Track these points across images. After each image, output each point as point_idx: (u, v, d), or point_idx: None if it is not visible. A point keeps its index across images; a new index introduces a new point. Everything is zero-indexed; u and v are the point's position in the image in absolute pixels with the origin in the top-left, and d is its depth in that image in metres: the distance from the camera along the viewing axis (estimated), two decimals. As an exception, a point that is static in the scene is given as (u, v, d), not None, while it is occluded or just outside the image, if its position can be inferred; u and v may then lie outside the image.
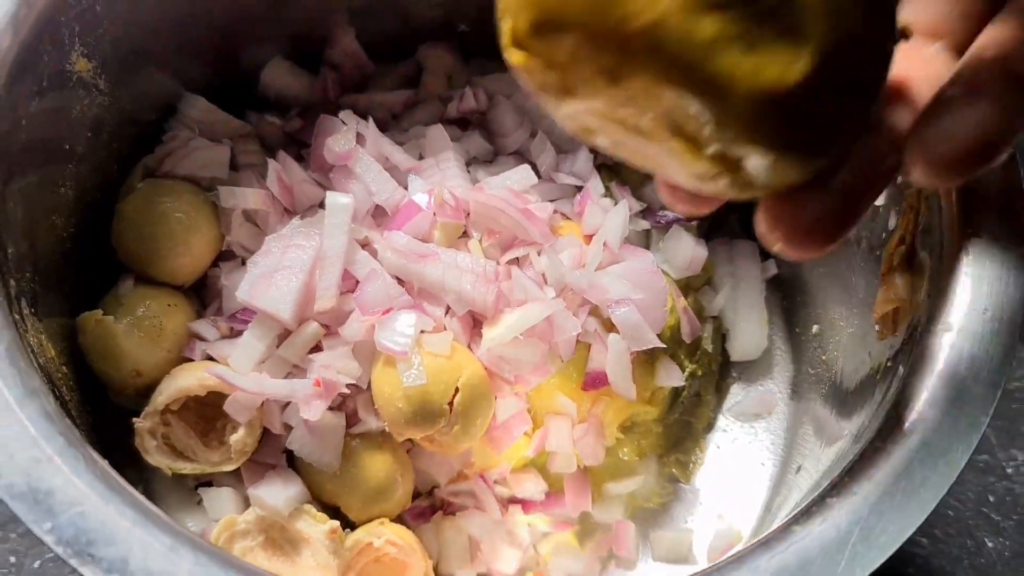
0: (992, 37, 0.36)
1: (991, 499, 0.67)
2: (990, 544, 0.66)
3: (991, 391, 0.44)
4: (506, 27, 0.33)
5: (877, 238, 0.55)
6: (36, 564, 0.64)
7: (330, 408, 0.57)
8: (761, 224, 0.36)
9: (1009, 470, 0.68)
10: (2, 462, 0.40)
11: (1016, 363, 0.71)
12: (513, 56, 0.33)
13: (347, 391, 0.57)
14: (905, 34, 0.39)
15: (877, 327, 0.54)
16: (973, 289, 0.46)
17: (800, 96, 0.31)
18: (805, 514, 0.42)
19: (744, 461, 0.66)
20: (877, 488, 0.42)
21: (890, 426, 0.44)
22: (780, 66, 0.31)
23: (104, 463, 0.42)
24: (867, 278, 0.56)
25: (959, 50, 0.38)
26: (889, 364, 0.50)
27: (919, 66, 0.38)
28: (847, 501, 0.42)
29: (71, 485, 0.40)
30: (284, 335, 0.58)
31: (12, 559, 0.64)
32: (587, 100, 0.33)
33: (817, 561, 0.41)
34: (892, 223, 0.54)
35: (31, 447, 0.40)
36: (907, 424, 0.44)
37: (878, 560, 0.41)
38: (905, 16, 0.39)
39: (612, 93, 0.32)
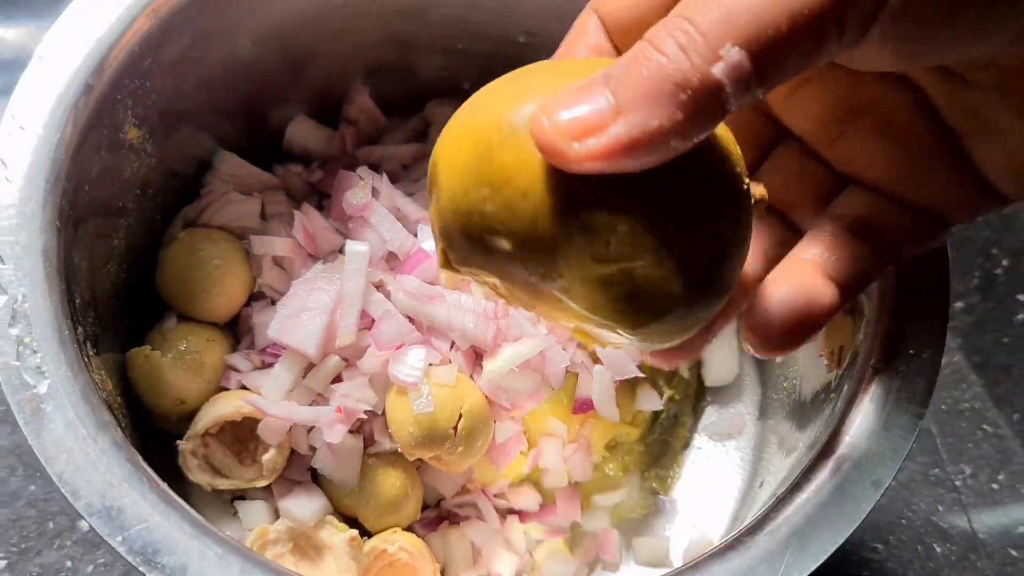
0: (807, 245, 0.41)
1: (940, 508, 0.73)
2: (938, 549, 0.72)
3: (914, 420, 0.51)
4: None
5: None
6: (89, 568, 0.71)
7: (350, 432, 0.63)
8: None
9: (957, 482, 0.74)
10: (81, 486, 0.47)
11: (967, 386, 0.78)
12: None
13: (364, 416, 0.63)
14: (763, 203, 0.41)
15: (825, 361, 0.61)
16: (900, 332, 0.54)
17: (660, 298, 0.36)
18: (753, 527, 0.50)
19: (716, 476, 0.73)
20: (813, 506, 0.49)
21: (829, 449, 0.52)
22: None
23: (164, 485, 0.49)
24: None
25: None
26: (833, 392, 0.57)
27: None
28: (786, 516, 0.49)
29: (138, 504, 0.47)
30: (309, 367, 0.64)
31: (68, 563, 0.71)
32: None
33: (760, 567, 0.48)
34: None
35: (105, 473, 0.48)
36: (841, 448, 0.51)
37: (811, 566, 0.47)
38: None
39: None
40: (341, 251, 0.66)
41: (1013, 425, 0.77)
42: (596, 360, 0.66)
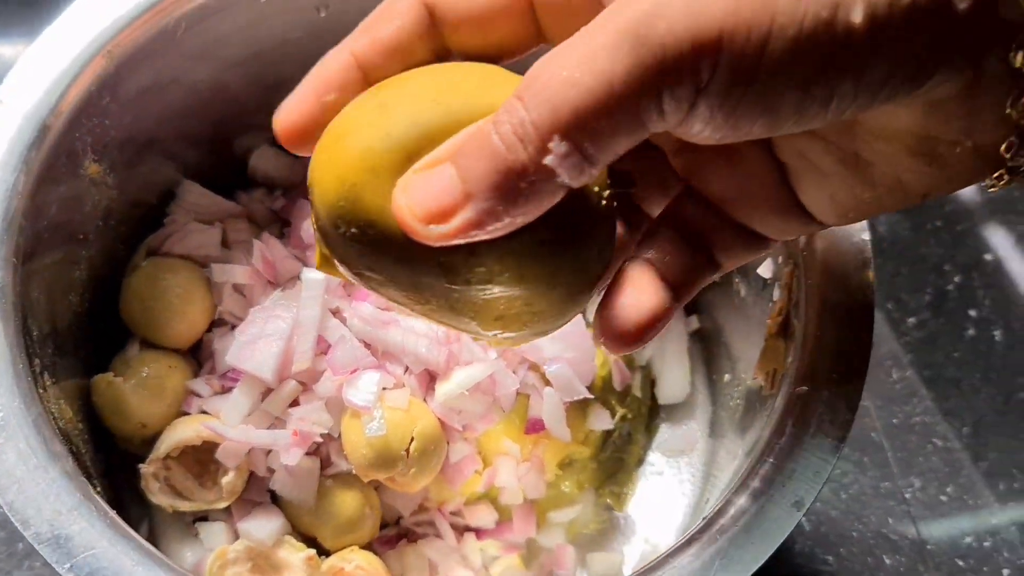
0: (647, 244, 0.43)
1: (890, 520, 0.75)
2: (888, 561, 0.73)
3: (835, 445, 0.53)
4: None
5: (766, 307, 0.64)
6: None
7: (307, 454, 0.65)
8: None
9: (907, 495, 0.76)
10: (32, 515, 0.49)
11: (917, 400, 0.80)
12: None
13: (321, 440, 0.65)
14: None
15: (761, 383, 0.63)
16: (824, 355, 0.56)
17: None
18: (679, 548, 0.52)
19: (668, 492, 0.74)
20: (737, 527, 0.51)
21: (754, 470, 0.54)
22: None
23: (113, 513, 0.51)
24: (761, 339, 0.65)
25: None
26: (766, 414, 0.59)
27: None
28: (711, 537, 0.51)
29: (86, 532, 0.49)
30: (267, 392, 0.66)
31: None
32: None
33: (688, 585, 0.50)
34: (775, 294, 0.63)
35: (55, 502, 0.50)
36: (765, 469, 0.53)
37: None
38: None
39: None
40: (300, 277, 0.68)
41: (962, 438, 0.79)
42: (547, 382, 0.68)
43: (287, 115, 0.44)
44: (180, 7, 0.64)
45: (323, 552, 0.67)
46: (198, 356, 0.72)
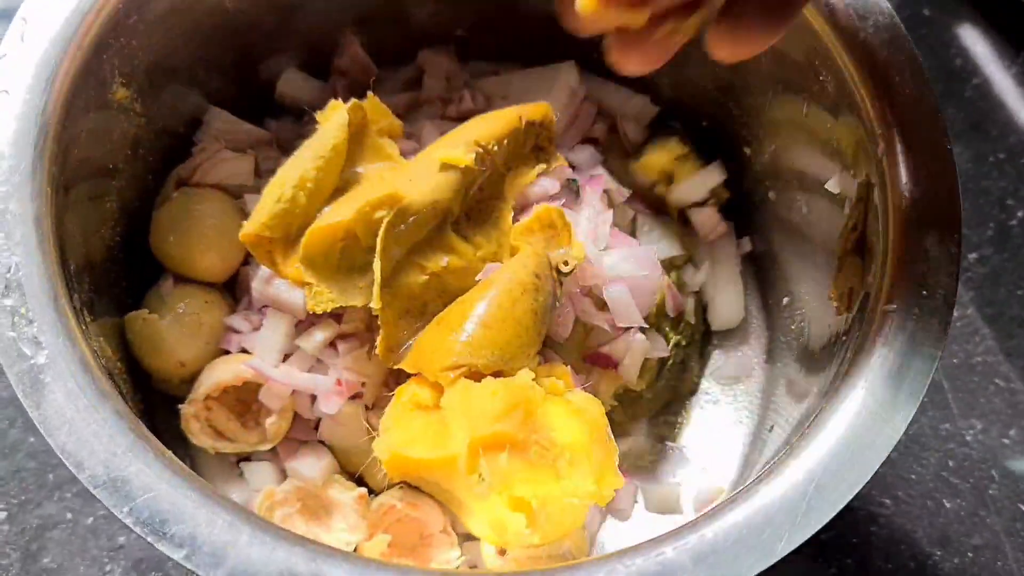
0: None
1: (951, 463, 0.72)
2: (948, 505, 0.71)
3: (928, 363, 0.51)
4: None
5: (835, 224, 0.61)
6: (89, 520, 0.70)
7: (351, 398, 0.63)
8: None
9: (968, 437, 0.73)
10: (85, 457, 0.46)
11: (979, 339, 0.77)
12: None
13: (363, 387, 0.63)
14: None
15: (835, 304, 0.60)
16: (911, 270, 0.53)
17: None
18: (769, 473, 0.49)
19: (725, 421, 0.72)
20: (828, 453, 0.49)
21: (843, 394, 0.51)
22: None
23: (169, 453, 0.48)
24: (827, 258, 0.62)
25: None
26: (844, 336, 0.57)
27: None
28: (803, 462, 0.49)
29: (143, 474, 0.46)
30: (301, 325, 0.64)
31: (68, 515, 0.70)
32: None
33: (780, 514, 0.47)
34: (847, 210, 0.60)
35: (108, 443, 0.47)
36: (856, 392, 0.51)
37: (830, 513, 0.47)
38: None
39: None
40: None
41: None
42: (602, 306, 0.65)
43: None
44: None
45: (372, 491, 0.65)
46: (234, 291, 0.69)
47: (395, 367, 0.59)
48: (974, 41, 0.50)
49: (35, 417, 0.47)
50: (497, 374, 0.57)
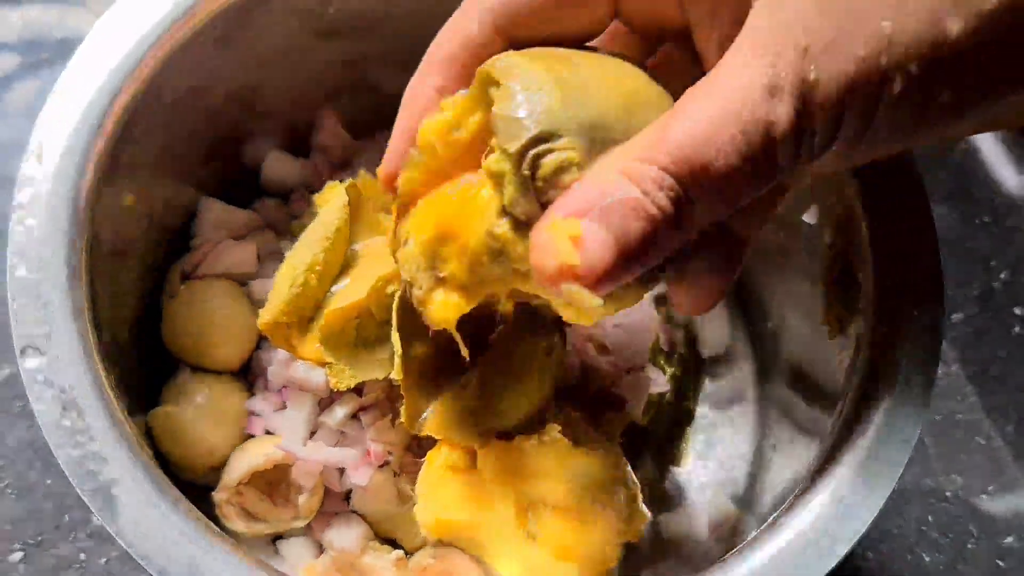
0: None
1: (931, 518, 0.75)
2: (928, 559, 0.74)
3: (928, 380, 0.55)
4: None
5: (816, 251, 0.65)
6: (102, 561, 0.73)
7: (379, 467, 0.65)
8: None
9: (948, 493, 0.77)
10: (166, 563, 0.48)
11: (961, 397, 0.81)
12: None
13: (391, 457, 0.65)
14: None
15: (827, 327, 0.64)
16: (893, 292, 0.57)
17: None
18: (805, 491, 0.53)
19: (725, 443, 0.76)
20: (849, 470, 0.53)
21: (853, 417, 0.55)
22: None
23: (242, 548, 0.51)
24: (811, 286, 0.66)
25: None
26: (845, 364, 0.60)
27: None
28: (827, 485, 0.53)
29: (224, 572, 0.49)
30: (327, 403, 0.66)
31: (82, 556, 0.73)
32: None
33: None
34: (827, 240, 0.64)
35: (188, 546, 0.49)
36: (869, 415, 0.55)
37: (859, 531, 0.52)
38: None
39: None
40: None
41: (1006, 436, 0.79)
42: (604, 350, 0.68)
43: (389, 168, 0.49)
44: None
45: (406, 551, 0.67)
46: (248, 375, 0.70)
47: (422, 434, 0.62)
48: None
49: (113, 531, 0.49)
50: (519, 428, 0.61)
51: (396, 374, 0.59)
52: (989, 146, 0.87)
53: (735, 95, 0.36)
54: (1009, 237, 0.86)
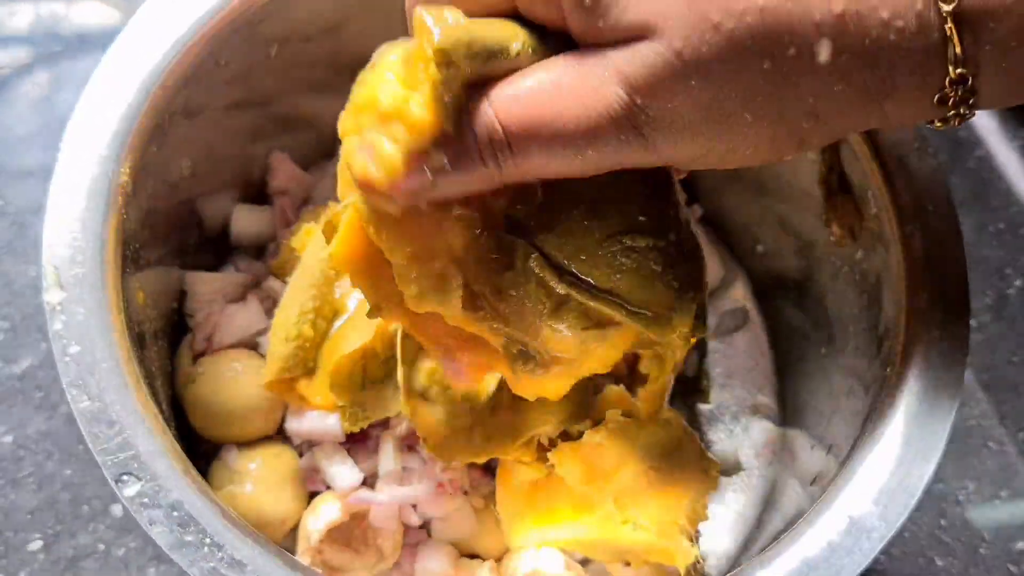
0: None
1: (943, 522, 0.77)
2: (940, 563, 0.76)
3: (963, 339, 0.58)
4: None
5: (807, 174, 0.66)
6: (121, 551, 0.72)
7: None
8: None
9: (960, 497, 0.78)
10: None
11: (974, 403, 0.82)
12: None
13: (468, 489, 0.65)
14: None
15: (833, 238, 0.65)
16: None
17: None
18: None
19: (739, 366, 0.78)
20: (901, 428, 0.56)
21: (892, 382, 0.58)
22: None
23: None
24: (798, 203, 0.69)
25: None
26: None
27: None
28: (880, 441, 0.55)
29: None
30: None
31: (101, 546, 0.72)
32: None
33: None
34: (812, 155, 0.64)
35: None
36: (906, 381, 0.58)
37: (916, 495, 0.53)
38: None
39: None
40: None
41: (1018, 443, 0.81)
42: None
43: None
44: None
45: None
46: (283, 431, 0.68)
47: (473, 461, 0.62)
48: (979, 114, 0.53)
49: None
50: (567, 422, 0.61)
51: (404, 409, 0.60)
52: (1005, 154, 0.90)
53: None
54: (1023, 245, 0.88)
